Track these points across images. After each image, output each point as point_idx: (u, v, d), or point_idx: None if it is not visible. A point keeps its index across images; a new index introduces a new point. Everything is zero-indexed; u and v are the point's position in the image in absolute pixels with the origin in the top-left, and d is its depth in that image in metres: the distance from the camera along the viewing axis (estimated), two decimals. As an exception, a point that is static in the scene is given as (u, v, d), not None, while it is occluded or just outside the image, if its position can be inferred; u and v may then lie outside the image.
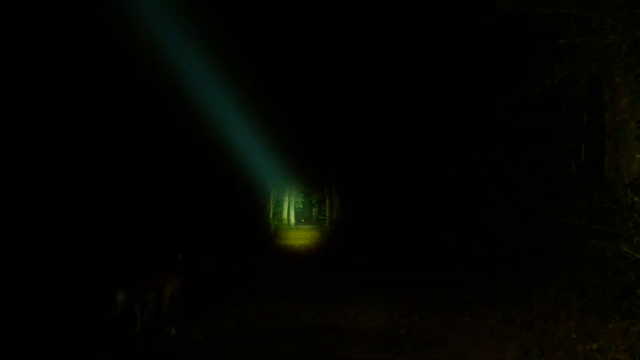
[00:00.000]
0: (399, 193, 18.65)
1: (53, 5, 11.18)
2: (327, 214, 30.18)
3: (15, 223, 9.01)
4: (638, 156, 6.23)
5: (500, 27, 8.81)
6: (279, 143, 24.08)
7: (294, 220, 39.37)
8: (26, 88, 10.68)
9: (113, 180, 13.00)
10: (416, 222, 15.74)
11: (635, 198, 5.67)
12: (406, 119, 18.46)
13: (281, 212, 34.90)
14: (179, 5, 14.87)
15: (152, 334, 5.56)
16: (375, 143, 21.47)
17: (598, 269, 5.69)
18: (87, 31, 12.03)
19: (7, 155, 9.70)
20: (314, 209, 43.43)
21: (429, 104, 16.15)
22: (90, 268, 8.91)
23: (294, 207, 41.17)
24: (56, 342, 5.29)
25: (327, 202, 30.62)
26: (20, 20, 10.50)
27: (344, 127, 24.71)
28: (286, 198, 36.50)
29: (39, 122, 10.95)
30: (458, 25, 14.13)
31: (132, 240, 11.42)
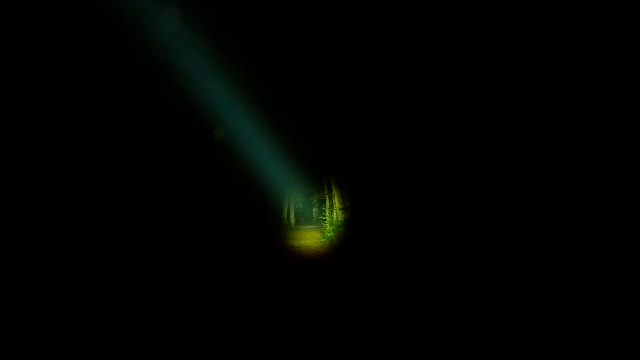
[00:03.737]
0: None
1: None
2: (328, 215, 29.95)
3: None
4: None
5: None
6: (281, 145, 23.72)
7: (294, 220, 39.18)
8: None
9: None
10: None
11: None
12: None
13: (281, 212, 34.65)
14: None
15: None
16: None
17: None
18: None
19: None
20: (314, 209, 43.19)
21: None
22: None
23: (294, 208, 40.95)
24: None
25: (327, 202, 30.37)
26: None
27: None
28: (286, 198, 36.27)
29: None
30: None
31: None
